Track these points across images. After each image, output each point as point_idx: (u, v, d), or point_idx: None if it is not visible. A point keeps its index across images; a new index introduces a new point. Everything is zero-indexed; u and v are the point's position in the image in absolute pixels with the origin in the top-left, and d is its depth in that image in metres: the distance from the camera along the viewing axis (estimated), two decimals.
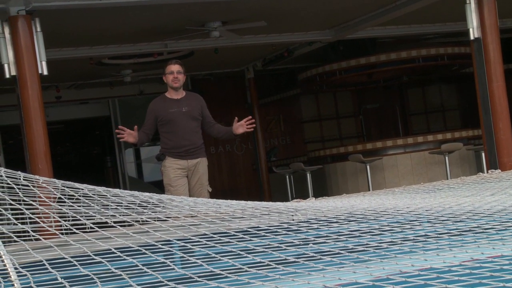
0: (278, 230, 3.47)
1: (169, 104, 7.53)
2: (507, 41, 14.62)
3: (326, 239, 3.22)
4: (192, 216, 3.88)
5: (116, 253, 3.02)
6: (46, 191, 3.98)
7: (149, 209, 3.93)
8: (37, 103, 7.78)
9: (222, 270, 2.69)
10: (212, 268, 2.74)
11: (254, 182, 16.72)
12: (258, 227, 3.50)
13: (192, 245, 3.17)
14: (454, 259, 2.63)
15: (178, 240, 3.34)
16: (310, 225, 3.62)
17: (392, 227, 3.44)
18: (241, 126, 7.58)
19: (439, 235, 3.21)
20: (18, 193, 3.72)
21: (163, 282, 2.56)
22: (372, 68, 14.25)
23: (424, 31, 13.15)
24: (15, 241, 3.31)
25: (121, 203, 3.92)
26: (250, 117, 7.73)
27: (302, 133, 17.72)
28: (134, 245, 3.19)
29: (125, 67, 13.66)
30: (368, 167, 12.04)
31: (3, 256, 2.96)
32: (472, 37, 8.94)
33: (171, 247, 3.27)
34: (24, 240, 3.31)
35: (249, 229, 3.44)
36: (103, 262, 2.90)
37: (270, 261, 2.79)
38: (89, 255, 3.03)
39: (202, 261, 2.86)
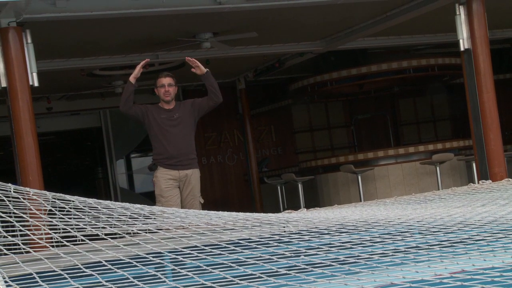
0: (270, 241, 3.46)
1: (162, 113, 7.54)
2: (497, 51, 14.68)
3: (318, 251, 3.22)
4: (183, 228, 3.87)
5: (107, 266, 3.01)
6: (36, 203, 3.97)
7: (140, 221, 3.93)
8: (28, 115, 7.76)
9: (214, 282, 2.69)
10: (203, 280, 2.73)
11: (245, 193, 16.70)
12: (249, 238, 3.50)
13: (183, 257, 3.17)
14: (445, 271, 2.63)
15: (169, 252, 3.33)
16: (301, 236, 3.62)
17: (383, 239, 3.44)
18: (198, 71, 7.53)
19: (430, 247, 3.21)
20: (8, 206, 3.71)
21: None
22: (363, 78, 14.28)
23: (414, 41, 13.19)
24: (5, 254, 3.29)
25: (112, 215, 3.91)
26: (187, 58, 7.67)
27: (293, 144, 17.71)
28: (125, 258, 3.18)
29: (117, 78, 13.64)
30: (359, 177, 12.05)
31: None
32: (462, 48, 8.97)
33: (162, 259, 3.26)
34: (14, 253, 3.30)
35: (240, 241, 3.43)
36: (94, 275, 2.88)
37: (261, 273, 2.78)
38: (79, 268, 3.02)
39: (194, 273, 2.85)
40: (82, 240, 3.47)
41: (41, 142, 8.52)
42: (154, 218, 4.10)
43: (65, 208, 3.90)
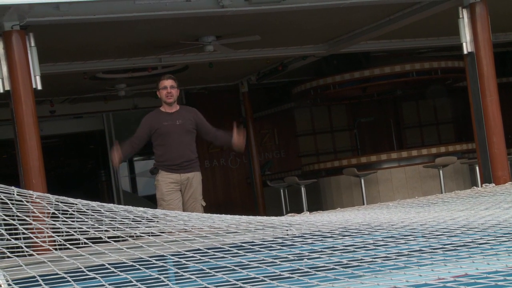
0: (273, 245, 3.46)
1: (164, 117, 7.56)
2: (500, 55, 14.68)
3: (321, 254, 3.21)
4: (186, 231, 3.87)
5: (109, 269, 3.01)
6: (39, 206, 3.97)
7: (143, 224, 3.93)
8: (31, 118, 7.76)
9: (216, 286, 2.68)
10: (206, 283, 2.73)
11: (248, 196, 16.70)
12: (252, 242, 3.50)
13: (186, 260, 3.16)
14: (449, 275, 2.62)
15: (172, 255, 3.33)
16: (304, 239, 3.62)
17: (387, 242, 3.44)
18: (237, 141, 7.60)
19: (433, 250, 3.21)
20: (11, 209, 3.71)
21: None
22: (366, 82, 14.27)
23: (417, 45, 13.18)
24: (8, 257, 3.29)
25: (115, 218, 3.91)
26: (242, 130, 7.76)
27: (296, 147, 17.71)
28: (128, 260, 3.18)
29: (119, 81, 13.65)
30: (362, 180, 12.04)
31: None
32: (465, 52, 8.96)
33: (165, 262, 3.26)
34: (17, 256, 3.30)
35: (243, 244, 3.43)
36: (97, 278, 2.88)
37: (264, 276, 2.78)
38: (82, 271, 3.02)
39: (196, 277, 2.85)
40: (85, 243, 3.48)
41: (44, 145, 8.51)
42: (157, 221, 4.10)
43: (68, 211, 3.91)
